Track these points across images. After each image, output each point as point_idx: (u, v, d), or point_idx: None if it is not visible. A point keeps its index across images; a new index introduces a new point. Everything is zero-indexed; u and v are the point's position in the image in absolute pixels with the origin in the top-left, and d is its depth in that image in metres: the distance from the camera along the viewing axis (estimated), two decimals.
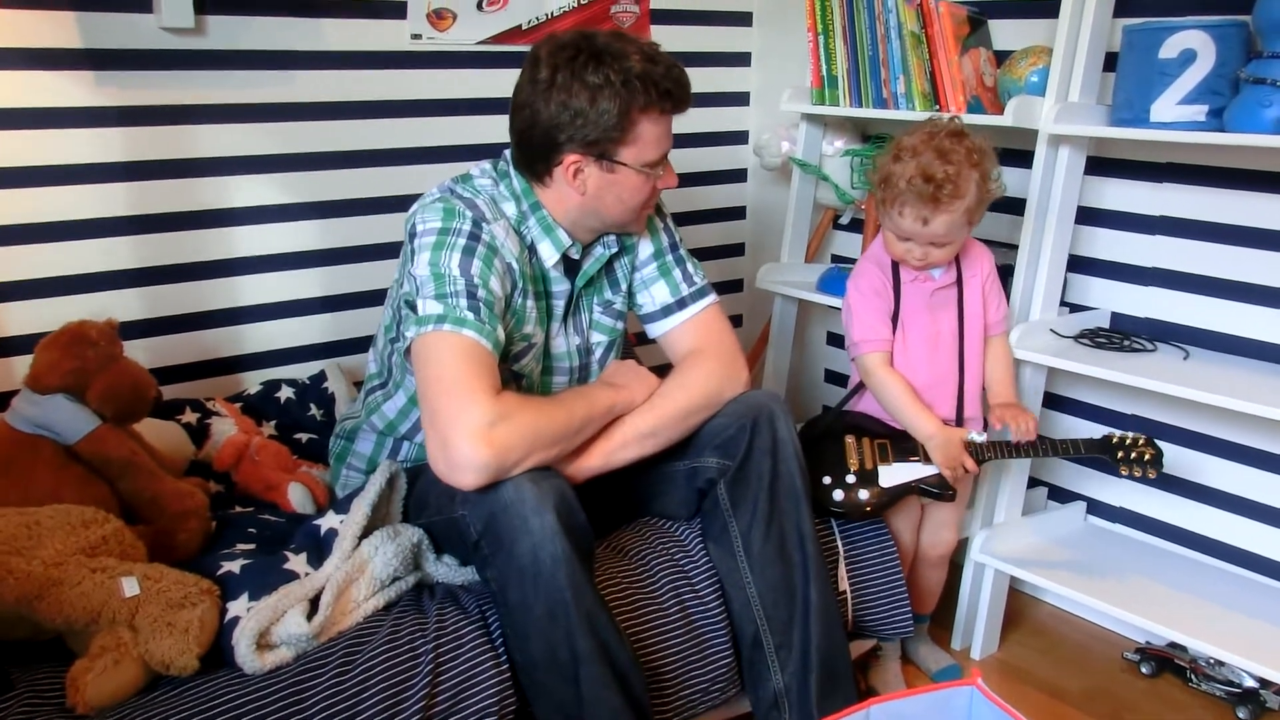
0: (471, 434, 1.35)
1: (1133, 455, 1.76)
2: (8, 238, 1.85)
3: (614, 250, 1.68)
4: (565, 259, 1.63)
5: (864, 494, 1.78)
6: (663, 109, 1.51)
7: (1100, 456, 1.80)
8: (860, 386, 1.89)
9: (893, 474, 1.80)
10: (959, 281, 1.84)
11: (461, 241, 1.49)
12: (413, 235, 1.53)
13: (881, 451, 1.82)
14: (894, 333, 1.82)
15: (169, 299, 2.04)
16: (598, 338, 1.73)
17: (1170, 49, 1.72)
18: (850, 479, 1.79)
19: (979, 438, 1.79)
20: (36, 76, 1.83)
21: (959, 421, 1.84)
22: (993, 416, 1.84)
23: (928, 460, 1.80)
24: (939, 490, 1.80)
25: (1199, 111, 1.71)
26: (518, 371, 1.62)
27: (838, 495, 1.78)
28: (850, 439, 1.84)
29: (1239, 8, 1.73)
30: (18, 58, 1.80)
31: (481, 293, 1.46)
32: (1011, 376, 1.90)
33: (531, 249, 1.60)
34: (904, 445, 1.82)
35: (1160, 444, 1.79)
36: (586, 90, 1.47)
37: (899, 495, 1.80)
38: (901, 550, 1.89)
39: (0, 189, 1.83)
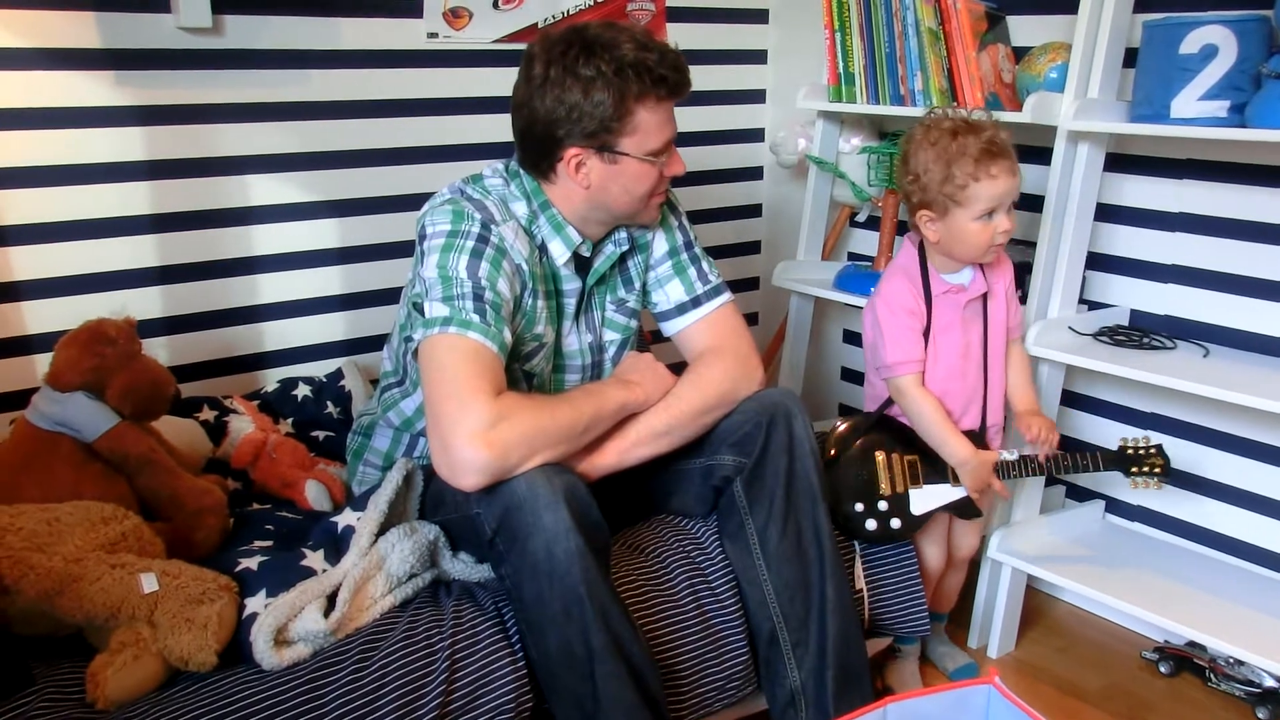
0: (471, 436, 1.36)
1: (1144, 468, 1.79)
2: (28, 236, 1.87)
3: (625, 248, 1.68)
4: (576, 257, 1.63)
5: (896, 522, 1.79)
6: (659, 95, 1.50)
7: (1116, 470, 1.82)
8: (885, 405, 1.85)
9: (923, 499, 1.80)
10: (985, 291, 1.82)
11: (470, 244, 1.49)
12: (422, 237, 1.54)
13: (912, 472, 1.81)
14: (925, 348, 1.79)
15: (187, 297, 2.05)
16: (610, 336, 1.73)
17: (1191, 44, 1.70)
18: (882, 505, 1.79)
19: (1010, 456, 1.79)
20: (56, 76, 1.84)
21: (983, 429, 1.83)
22: (1020, 424, 1.83)
23: (957, 481, 1.80)
24: (967, 510, 1.84)
25: (1220, 107, 1.69)
26: (529, 371, 1.62)
27: (870, 525, 1.78)
28: (880, 457, 1.82)
29: (1261, 3, 1.71)
30: (38, 58, 1.82)
31: (488, 295, 1.46)
32: (1031, 381, 1.90)
33: (542, 248, 1.60)
34: (933, 463, 1.81)
35: (1168, 451, 1.82)
36: (580, 83, 1.46)
37: (928, 519, 1.82)
38: (927, 571, 1.89)
39: (21, 188, 1.85)
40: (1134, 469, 1.80)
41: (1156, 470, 1.79)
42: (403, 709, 1.34)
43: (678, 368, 1.67)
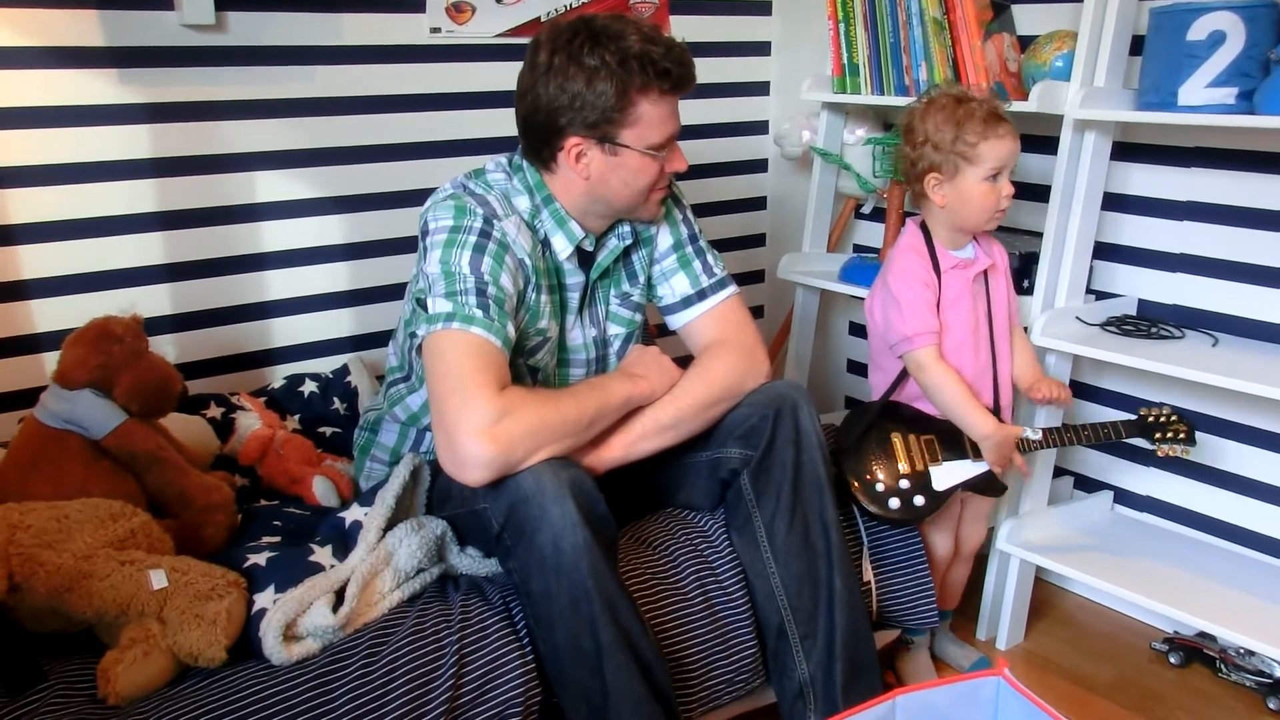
0: (475, 431, 1.36)
1: (1169, 434, 1.78)
2: (35, 235, 1.87)
3: (628, 242, 1.68)
4: (579, 251, 1.63)
5: (920, 499, 1.76)
6: (662, 89, 1.50)
7: (1138, 439, 1.80)
8: (898, 382, 1.84)
9: (944, 475, 1.78)
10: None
11: (472, 239, 1.49)
12: (425, 233, 1.54)
13: (930, 449, 1.80)
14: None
15: (193, 294, 2.05)
16: (614, 329, 1.73)
17: (1199, 31, 1.69)
18: (904, 484, 1.77)
19: (1034, 435, 1.78)
20: (60, 75, 1.84)
21: (996, 408, 1.82)
22: (1032, 393, 1.84)
23: (976, 456, 1.79)
24: (989, 487, 1.82)
25: (1228, 94, 1.68)
26: (533, 366, 1.62)
27: (894, 504, 1.76)
28: (897, 437, 1.80)
29: None
30: (42, 56, 1.82)
31: (491, 290, 1.46)
32: (1035, 357, 1.90)
33: (545, 242, 1.60)
34: (950, 440, 1.80)
35: (1190, 420, 1.81)
36: (583, 72, 1.46)
37: (950, 496, 1.80)
38: (934, 561, 1.89)
39: (27, 187, 1.85)
40: (1157, 435, 1.79)
41: (1181, 435, 1.78)
42: (411, 703, 1.34)
43: (683, 361, 1.66)
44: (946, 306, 1.78)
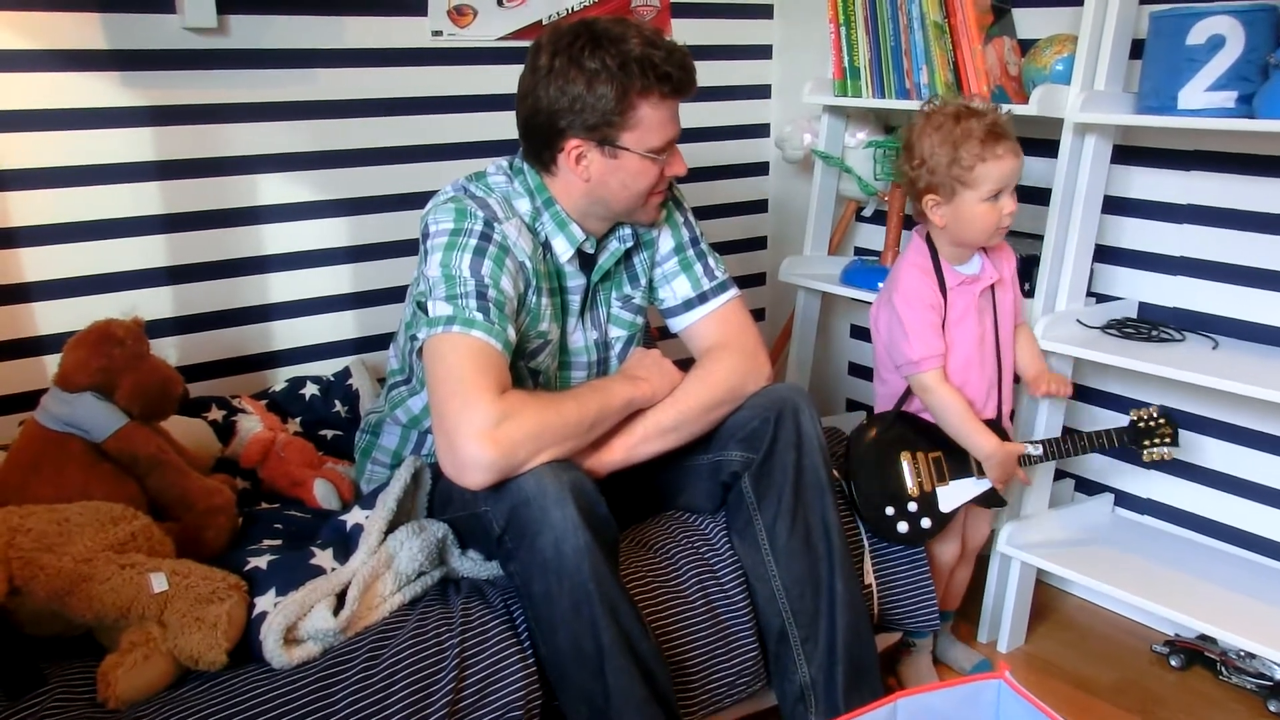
0: (476, 434, 1.36)
1: (1156, 439, 1.81)
2: (37, 238, 1.87)
3: (629, 244, 1.68)
4: (580, 254, 1.63)
5: (926, 522, 1.79)
6: (662, 93, 1.50)
7: (1131, 447, 1.82)
8: (903, 399, 1.84)
9: (950, 496, 1.81)
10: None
11: (473, 242, 1.49)
12: (426, 235, 1.54)
13: (937, 469, 1.81)
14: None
15: (194, 297, 2.05)
16: (616, 332, 1.73)
17: (1198, 35, 1.69)
18: (912, 507, 1.79)
19: (1035, 451, 1.80)
20: (63, 78, 1.84)
21: (998, 416, 1.83)
22: (1035, 390, 1.85)
23: (981, 473, 1.81)
24: (991, 499, 1.85)
25: (1228, 98, 1.69)
26: (534, 369, 1.62)
27: (903, 528, 1.78)
28: (905, 457, 1.81)
29: None
30: (44, 59, 1.82)
31: (492, 293, 1.46)
32: (1039, 351, 1.90)
33: (546, 245, 1.60)
34: (957, 457, 1.82)
35: (1175, 421, 1.85)
36: (584, 75, 1.47)
37: (956, 514, 1.83)
38: (940, 566, 1.90)
39: (29, 189, 1.85)
40: (1146, 442, 1.82)
41: (1167, 439, 1.81)
42: (412, 707, 1.34)
43: (685, 364, 1.66)
44: (953, 324, 1.77)
